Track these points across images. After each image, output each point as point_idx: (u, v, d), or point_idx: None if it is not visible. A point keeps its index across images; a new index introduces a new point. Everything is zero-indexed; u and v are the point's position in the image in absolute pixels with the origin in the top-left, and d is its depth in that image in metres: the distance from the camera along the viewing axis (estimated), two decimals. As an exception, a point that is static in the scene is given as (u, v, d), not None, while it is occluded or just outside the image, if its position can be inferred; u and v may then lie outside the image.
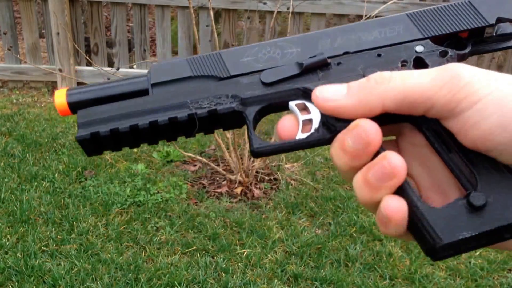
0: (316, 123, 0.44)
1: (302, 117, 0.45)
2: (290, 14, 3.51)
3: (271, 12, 3.95)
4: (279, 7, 3.33)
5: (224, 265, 2.44)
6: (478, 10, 0.46)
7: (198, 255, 2.51)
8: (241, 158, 3.08)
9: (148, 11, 4.54)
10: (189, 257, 2.51)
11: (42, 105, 4.37)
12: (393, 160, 0.39)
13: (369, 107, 0.41)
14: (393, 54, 0.46)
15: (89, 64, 4.48)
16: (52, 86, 4.67)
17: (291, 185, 3.20)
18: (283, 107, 0.47)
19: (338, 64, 0.46)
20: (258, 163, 3.13)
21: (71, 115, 0.49)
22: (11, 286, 2.26)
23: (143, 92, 0.48)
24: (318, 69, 0.46)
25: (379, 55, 0.46)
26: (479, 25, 0.46)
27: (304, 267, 2.47)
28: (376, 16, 4.20)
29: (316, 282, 2.37)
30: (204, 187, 3.15)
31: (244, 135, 3.19)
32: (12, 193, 2.93)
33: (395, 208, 0.39)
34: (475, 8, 0.47)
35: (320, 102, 0.43)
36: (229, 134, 3.05)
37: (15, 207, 2.78)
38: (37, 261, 2.38)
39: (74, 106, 0.48)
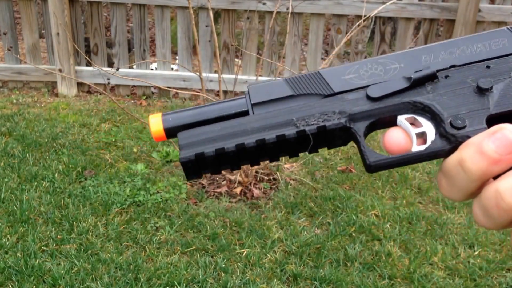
0: (431, 135, 0.44)
1: (415, 130, 0.45)
2: (289, 15, 3.52)
3: (271, 13, 3.96)
4: (279, 7, 3.34)
5: (223, 265, 2.45)
6: None
7: (198, 255, 2.51)
8: (240, 158, 3.09)
9: (147, 11, 4.55)
10: (188, 256, 2.52)
11: (42, 105, 4.38)
12: None
13: None
14: (502, 66, 0.45)
15: (89, 64, 4.49)
16: (52, 86, 4.68)
17: (291, 185, 3.21)
18: (391, 122, 0.46)
19: (446, 77, 0.46)
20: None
21: (166, 140, 0.49)
22: (11, 285, 2.27)
23: (243, 114, 0.48)
24: (426, 82, 0.46)
25: (488, 67, 0.46)
26: None
27: (303, 266, 2.48)
28: (376, 16, 4.22)
29: (315, 282, 2.38)
30: (204, 187, 3.16)
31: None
32: (12, 193, 2.94)
33: None
34: None
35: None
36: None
37: (15, 207, 2.79)
38: (37, 261, 2.39)
39: (170, 132, 0.48)
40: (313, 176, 3.34)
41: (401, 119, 0.45)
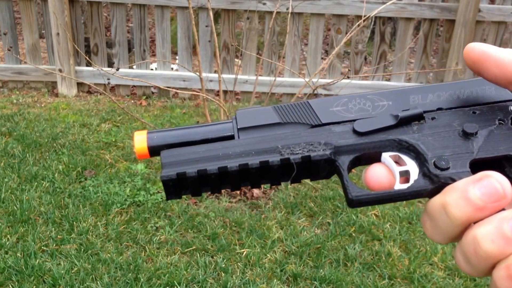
0: (414, 175, 0.44)
1: (398, 168, 0.45)
2: (289, 15, 3.52)
3: (271, 13, 3.96)
4: (279, 7, 3.34)
5: (223, 265, 2.45)
6: None
7: (198, 255, 2.52)
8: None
9: (147, 12, 4.55)
10: (188, 256, 2.52)
11: (42, 105, 4.38)
12: None
13: None
14: (488, 112, 0.46)
15: (89, 64, 4.49)
16: (52, 86, 4.68)
17: (290, 185, 3.21)
18: (376, 158, 0.46)
19: (433, 119, 0.46)
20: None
21: (149, 158, 0.49)
22: (11, 285, 2.27)
23: (229, 138, 0.47)
24: (412, 122, 0.46)
25: (474, 112, 0.46)
26: None
27: (303, 266, 2.48)
28: (376, 17, 4.22)
29: (315, 282, 2.38)
30: (204, 187, 3.16)
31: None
32: (12, 193, 2.94)
33: None
34: None
35: (471, 47, 0.44)
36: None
37: (15, 207, 2.79)
38: (37, 261, 2.39)
39: (154, 150, 0.48)
40: (313, 176, 3.34)
41: (385, 156, 0.45)
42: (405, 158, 0.45)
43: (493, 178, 0.38)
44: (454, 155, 0.44)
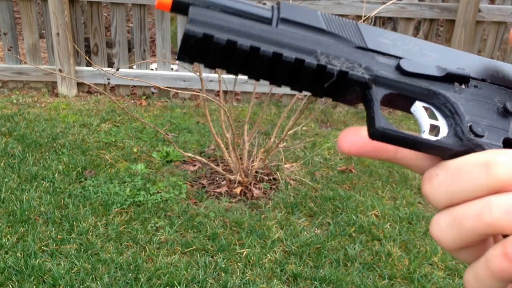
0: (444, 133, 0.42)
1: (430, 120, 0.42)
2: (289, 15, 3.51)
3: (271, 13, 3.96)
4: (279, 7, 3.34)
5: (223, 265, 2.45)
6: None
7: (198, 255, 2.51)
8: (240, 158, 3.09)
9: (147, 12, 4.55)
10: (188, 257, 2.52)
11: (42, 105, 4.38)
12: None
13: None
14: None
15: (89, 64, 4.49)
16: (52, 86, 4.68)
17: (290, 185, 3.21)
18: (407, 105, 0.44)
19: (475, 86, 0.44)
20: (257, 163, 3.14)
21: (169, 11, 0.42)
22: (11, 286, 2.27)
23: (266, 21, 0.42)
24: (456, 82, 0.44)
25: None
26: None
27: (303, 266, 2.48)
28: (375, 17, 4.22)
29: (315, 282, 2.38)
30: (204, 187, 3.16)
31: (244, 135, 3.20)
32: (12, 193, 2.94)
33: None
34: None
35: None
36: (228, 134, 3.06)
37: (15, 207, 2.79)
38: (37, 261, 2.39)
39: (180, 4, 0.41)
40: (313, 176, 3.34)
41: (419, 105, 0.43)
42: (438, 114, 0.43)
43: None
44: (490, 126, 0.42)
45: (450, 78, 0.44)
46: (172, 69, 4.91)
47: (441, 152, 0.41)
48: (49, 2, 4.27)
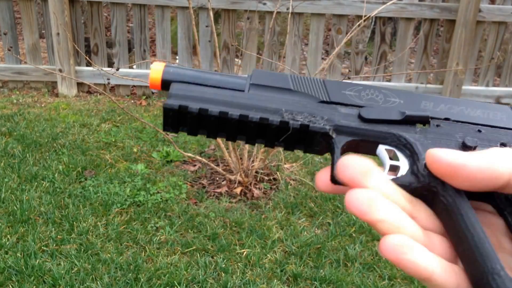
0: (403, 171, 0.44)
1: (390, 161, 0.45)
2: (289, 15, 3.52)
3: (271, 13, 3.96)
4: (279, 7, 3.34)
5: (223, 265, 2.44)
6: None
7: (198, 255, 2.51)
8: (240, 158, 3.09)
9: (148, 12, 4.54)
10: (188, 257, 2.52)
11: (42, 105, 4.38)
12: None
13: (497, 174, 0.37)
14: (493, 135, 0.46)
15: (89, 64, 4.49)
16: (52, 86, 4.68)
17: (291, 185, 3.21)
18: (371, 149, 0.47)
19: (437, 126, 0.47)
20: (257, 163, 3.14)
21: (160, 90, 0.50)
22: (11, 286, 2.26)
23: (239, 88, 0.48)
24: (417, 123, 0.47)
25: (479, 131, 0.47)
26: None
27: (303, 267, 2.48)
28: (376, 17, 4.22)
29: (315, 282, 2.38)
30: (204, 187, 3.16)
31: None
32: (12, 193, 2.94)
33: None
34: None
35: (437, 158, 0.39)
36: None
37: (15, 207, 2.78)
38: (37, 261, 2.39)
39: (167, 84, 0.49)
40: (313, 176, 3.34)
41: (382, 148, 0.46)
42: (399, 155, 0.46)
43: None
44: None
45: (410, 120, 0.47)
46: (172, 69, 4.90)
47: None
48: (49, 2, 4.27)
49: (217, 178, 3.25)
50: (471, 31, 4.35)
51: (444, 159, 0.39)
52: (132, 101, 4.65)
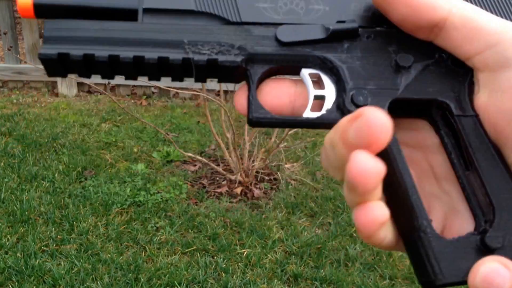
0: (329, 103, 0.39)
1: (314, 91, 0.39)
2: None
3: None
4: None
5: (224, 265, 2.44)
6: None
7: (198, 255, 2.51)
8: (241, 158, 3.08)
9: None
10: (189, 257, 2.51)
11: (42, 105, 4.38)
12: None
13: (437, 4, 0.36)
14: (431, 43, 0.40)
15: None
16: (52, 86, 4.68)
17: (291, 185, 3.20)
18: (294, 72, 0.41)
19: (368, 37, 0.40)
20: (258, 163, 3.13)
21: (33, 18, 0.40)
22: (11, 286, 2.26)
23: (131, 14, 0.40)
24: (345, 38, 0.39)
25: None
26: None
27: (304, 267, 2.48)
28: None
29: (316, 282, 2.37)
30: (204, 187, 3.16)
31: (244, 135, 3.19)
32: (12, 193, 2.93)
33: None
34: None
35: None
36: (229, 134, 3.05)
37: (15, 207, 2.78)
38: (37, 261, 2.39)
39: (41, 9, 0.39)
40: (314, 176, 3.34)
41: (305, 72, 0.40)
42: (325, 79, 0.40)
43: (364, 118, 0.32)
44: (377, 89, 0.38)
45: (337, 37, 0.39)
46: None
47: (324, 127, 0.39)
48: (49, 1, 4.27)
49: (218, 178, 3.25)
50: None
51: None
52: (133, 100, 4.65)
